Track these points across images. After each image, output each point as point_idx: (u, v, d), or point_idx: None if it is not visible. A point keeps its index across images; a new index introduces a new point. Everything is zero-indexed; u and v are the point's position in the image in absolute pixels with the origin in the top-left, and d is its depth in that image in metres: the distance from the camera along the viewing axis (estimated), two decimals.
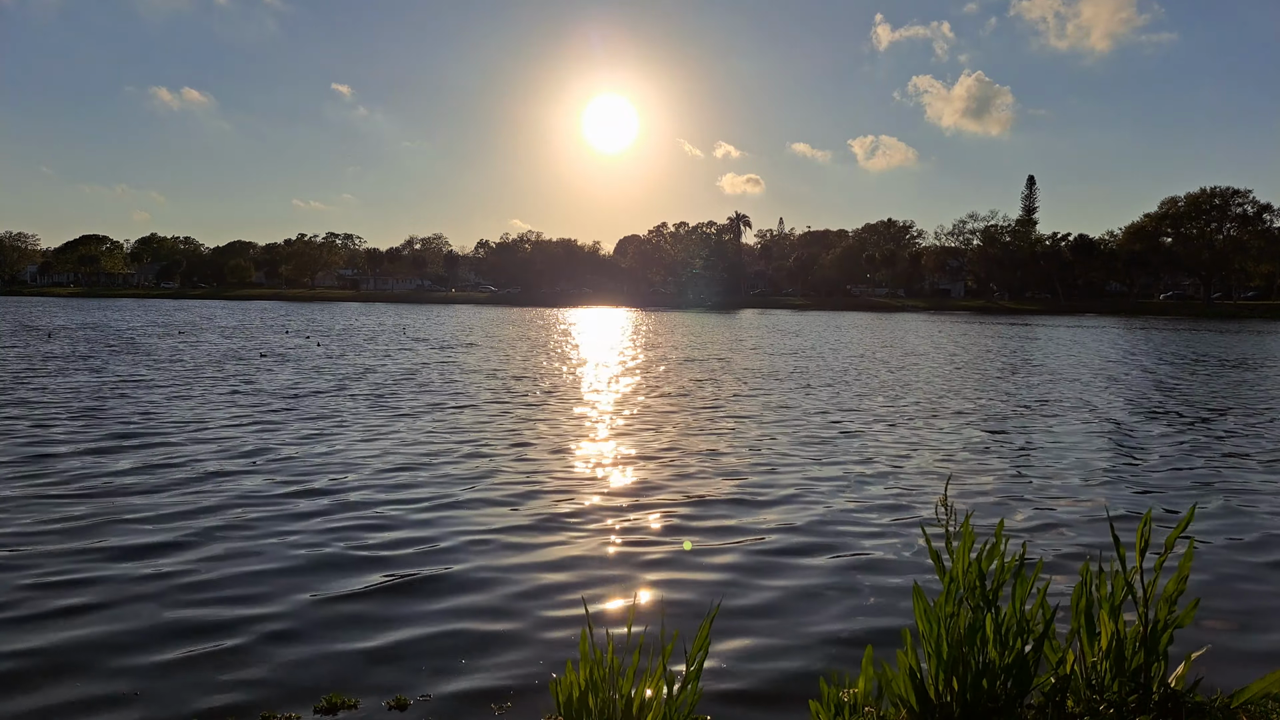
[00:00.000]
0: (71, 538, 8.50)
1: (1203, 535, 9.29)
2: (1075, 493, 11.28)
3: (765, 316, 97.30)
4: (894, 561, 8.27)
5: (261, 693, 5.47)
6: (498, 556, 8.24)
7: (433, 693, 5.49)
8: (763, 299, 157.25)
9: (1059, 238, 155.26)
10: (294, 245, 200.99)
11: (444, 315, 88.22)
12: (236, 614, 6.69)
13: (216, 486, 10.74)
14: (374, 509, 9.85)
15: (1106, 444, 15.08)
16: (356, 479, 11.34)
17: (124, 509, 9.59)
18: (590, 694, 4.11)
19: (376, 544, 8.53)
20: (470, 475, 11.75)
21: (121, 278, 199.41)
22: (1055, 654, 4.39)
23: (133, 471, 11.50)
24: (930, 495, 10.94)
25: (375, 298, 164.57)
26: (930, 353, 39.37)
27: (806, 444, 14.58)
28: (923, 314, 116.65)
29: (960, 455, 13.84)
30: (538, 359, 32.95)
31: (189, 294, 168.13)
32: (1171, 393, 23.70)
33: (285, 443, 13.83)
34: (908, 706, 4.27)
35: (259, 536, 8.68)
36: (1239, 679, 5.11)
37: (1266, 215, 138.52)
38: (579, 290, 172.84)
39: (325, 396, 19.91)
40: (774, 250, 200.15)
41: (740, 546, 8.69)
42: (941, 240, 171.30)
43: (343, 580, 7.49)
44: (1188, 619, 4.45)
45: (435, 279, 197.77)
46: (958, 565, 4.27)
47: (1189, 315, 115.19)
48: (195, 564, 7.82)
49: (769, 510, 10.13)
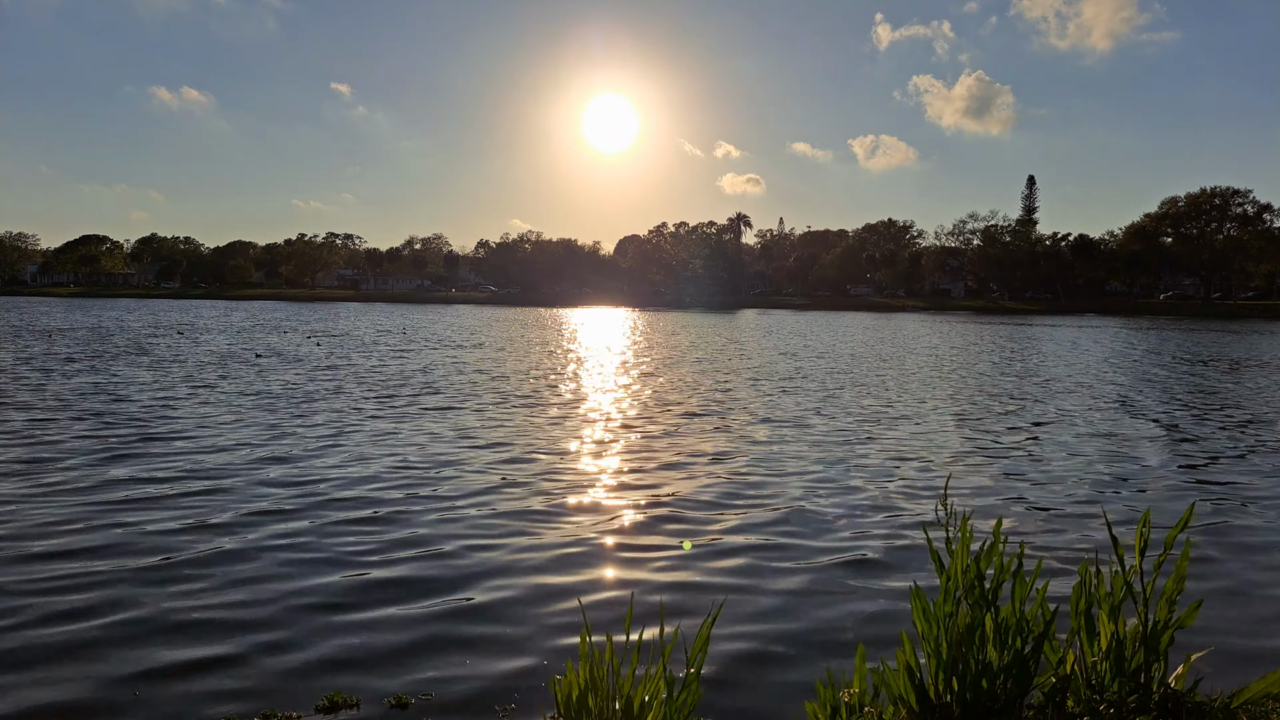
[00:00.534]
0: (76, 537, 8.50)
1: (1202, 535, 9.29)
2: (1075, 492, 11.27)
3: (765, 316, 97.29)
4: (894, 561, 8.27)
5: (262, 692, 5.46)
6: (498, 556, 8.23)
7: (434, 692, 5.49)
8: (763, 299, 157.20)
9: (1059, 238, 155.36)
10: (294, 245, 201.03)
11: (444, 315, 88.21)
12: (238, 613, 6.69)
13: (216, 485, 10.74)
14: (374, 509, 9.85)
15: (1106, 443, 15.07)
16: (357, 479, 11.33)
17: (127, 508, 9.59)
18: (590, 694, 4.11)
19: (377, 543, 8.52)
20: (470, 475, 11.75)
21: (121, 278, 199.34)
22: (1055, 654, 4.39)
23: (138, 471, 11.48)
24: (930, 495, 10.94)
25: (375, 298, 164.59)
26: (930, 353, 39.36)
27: (807, 444, 14.58)
28: (923, 314, 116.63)
29: (960, 455, 13.83)
30: (539, 359, 32.95)
31: (189, 294, 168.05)
32: (1171, 392, 23.70)
33: (287, 443, 13.82)
34: (907, 706, 4.27)
35: (260, 535, 8.68)
36: (1239, 679, 5.11)
37: (1267, 215, 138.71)
38: (579, 290, 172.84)
39: (327, 397, 19.91)
40: (774, 250, 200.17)
41: (740, 547, 8.69)
42: (941, 240, 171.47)
43: (343, 580, 7.49)
44: (1190, 620, 4.45)
45: (435, 279, 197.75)
46: (956, 565, 4.27)
47: (1189, 315, 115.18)
48: (196, 563, 7.82)
49: (769, 510, 10.13)
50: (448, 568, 7.88)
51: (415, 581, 7.50)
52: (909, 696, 4.25)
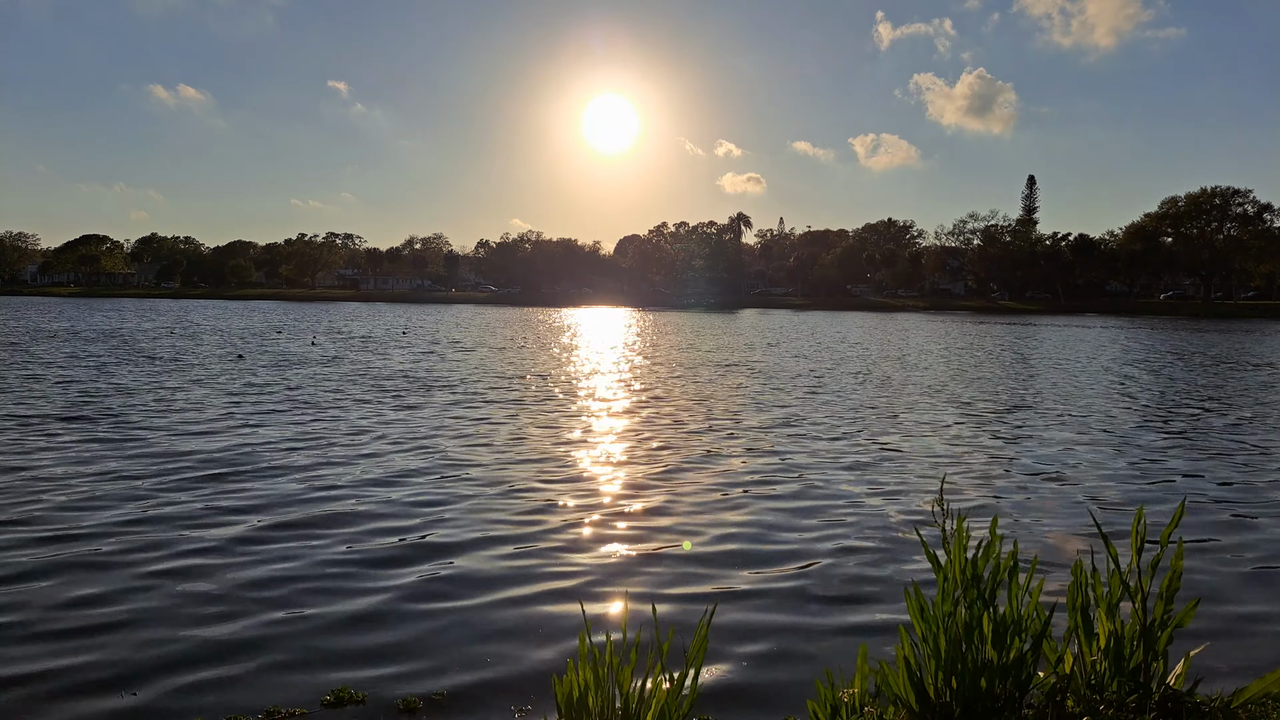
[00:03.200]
0: (81, 534, 8.51)
1: (1203, 534, 9.29)
2: (1074, 491, 11.28)
3: (766, 316, 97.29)
4: (893, 561, 8.28)
5: (267, 688, 5.47)
6: (498, 556, 8.24)
7: (435, 690, 5.50)
8: (763, 299, 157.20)
9: (1059, 237, 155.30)
10: (294, 245, 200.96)
11: (445, 315, 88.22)
12: (242, 610, 6.70)
13: (219, 485, 10.75)
14: (375, 509, 9.85)
15: (1105, 442, 15.07)
16: (358, 479, 11.34)
17: (131, 509, 9.59)
18: (590, 694, 4.11)
19: (378, 543, 8.53)
20: (471, 475, 11.75)
21: (122, 277, 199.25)
22: (1054, 653, 4.39)
23: (147, 471, 11.50)
24: (927, 493, 10.94)
25: (375, 297, 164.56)
26: (930, 352, 39.36)
27: (806, 444, 14.58)
28: (923, 314, 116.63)
29: (959, 454, 13.83)
30: (540, 359, 32.96)
31: (189, 294, 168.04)
32: (1170, 391, 23.70)
33: (288, 442, 13.83)
34: (907, 706, 4.27)
35: (261, 536, 8.69)
36: (1239, 679, 5.12)
37: (1267, 215, 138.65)
38: (579, 290, 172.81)
39: (330, 398, 19.92)
40: (774, 250, 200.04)
41: (740, 547, 8.69)
42: (942, 240, 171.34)
43: (344, 579, 7.50)
44: (1188, 619, 4.45)
45: (435, 279, 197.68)
46: (954, 564, 4.27)
47: (1189, 315, 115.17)
48: (198, 564, 7.83)
49: (769, 510, 10.13)
50: (448, 568, 7.88)
51: (414, 580, 7.51)
52: (908, 696, 4.25)
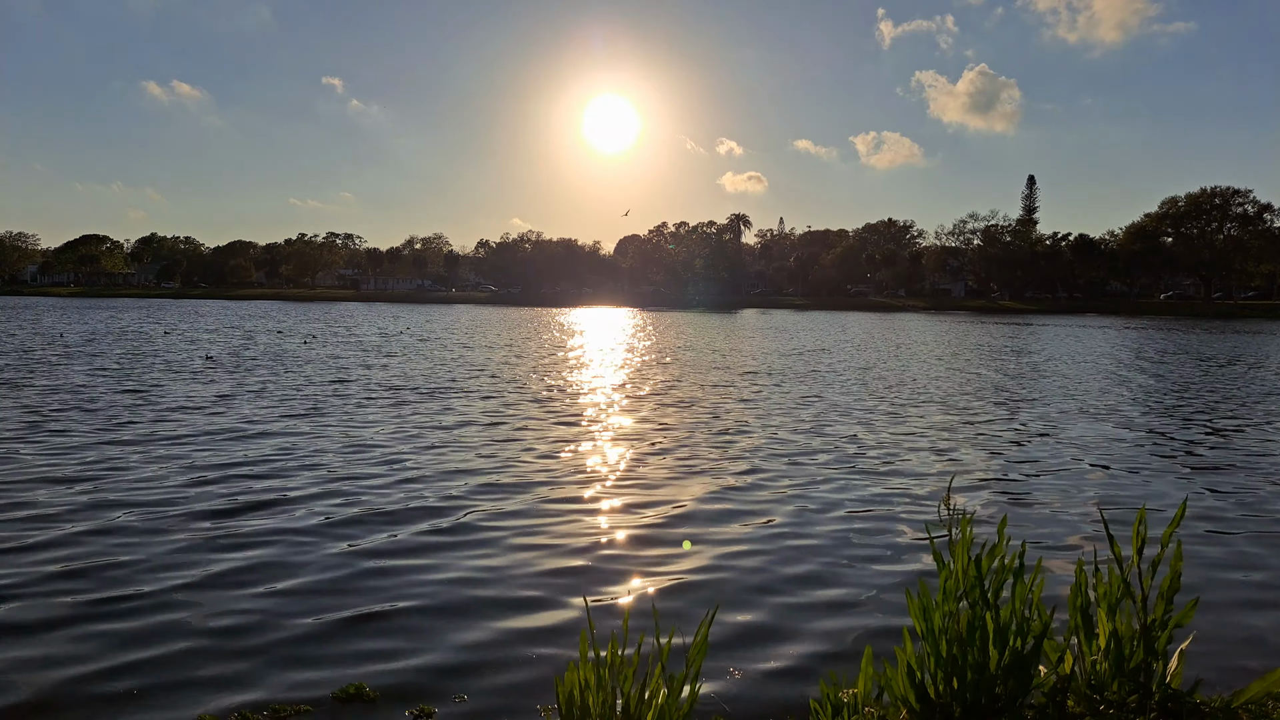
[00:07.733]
0: (89, 533, 8.51)
1: (1202, 533, 9.29)
2: (1075, 491, 11.27)
3: (766, 316, 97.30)
4: (895, 561, 8.28)
5: (273, 686, 5.48)
6: (498, 556, 8.24)
7: (435, 690, 5.50)
8: (763, 299, 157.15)
9: (1059, 237, 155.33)
10: (294, 245, 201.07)
11: (445, 315, 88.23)
12: (246, 609, 6.70)
13: (224, 485, 10.75)
14: (375, 508, 9.85)
15: (1105, 442, 15.07)
16: (359, 478, 11.34)
17: (134, 508, 9.60)
18: (591, 694, 4.11)
19: (378, 543, 8.53)
20: (472, 475, 11.75)
21: (122, 277, 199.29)
22: (1055, 653, 4.40)
23: (154, 472, 11.50)
24: (932, 494, 10.94)
25: (376, 298, 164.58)
26: (930, 352, 39.36)
27: (807, 443, 14.58)
28: (923, 314, 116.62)
29: (961, 454, 13.84)
30: (541, 359, 32.97)
31: (189, 294, 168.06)
32: (1170, 391, 23.70)
33: (290, 442, 13.83)
34: (908, 706, 4.28)
35: (262, 535, 8.69)
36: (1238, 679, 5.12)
37: (1267, 215, 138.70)
38: (579, 290, 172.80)
39: (332, 397, 19.93)
40: (774, 250, 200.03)
41: (740, 546, 8.69)
42: (942, 240, 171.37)
43: (344, 579, 7.50)
44: (1188, 618, 4.45)
45: (435, 279, 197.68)
46: (957, 564, 4.28)
47: (1189, 315, 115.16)
48: (201, 563, 7.83)
49: (769, 510, 10.13)
50: (446, 567, 7.89)
51: (416, 580, 7.50)
52: (909, 696, 4.25)
